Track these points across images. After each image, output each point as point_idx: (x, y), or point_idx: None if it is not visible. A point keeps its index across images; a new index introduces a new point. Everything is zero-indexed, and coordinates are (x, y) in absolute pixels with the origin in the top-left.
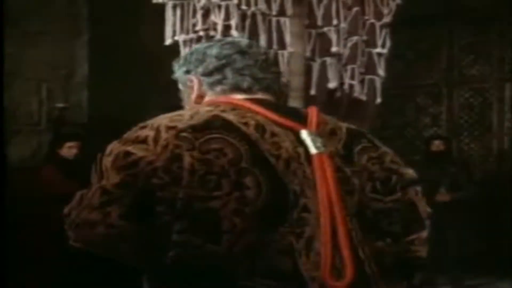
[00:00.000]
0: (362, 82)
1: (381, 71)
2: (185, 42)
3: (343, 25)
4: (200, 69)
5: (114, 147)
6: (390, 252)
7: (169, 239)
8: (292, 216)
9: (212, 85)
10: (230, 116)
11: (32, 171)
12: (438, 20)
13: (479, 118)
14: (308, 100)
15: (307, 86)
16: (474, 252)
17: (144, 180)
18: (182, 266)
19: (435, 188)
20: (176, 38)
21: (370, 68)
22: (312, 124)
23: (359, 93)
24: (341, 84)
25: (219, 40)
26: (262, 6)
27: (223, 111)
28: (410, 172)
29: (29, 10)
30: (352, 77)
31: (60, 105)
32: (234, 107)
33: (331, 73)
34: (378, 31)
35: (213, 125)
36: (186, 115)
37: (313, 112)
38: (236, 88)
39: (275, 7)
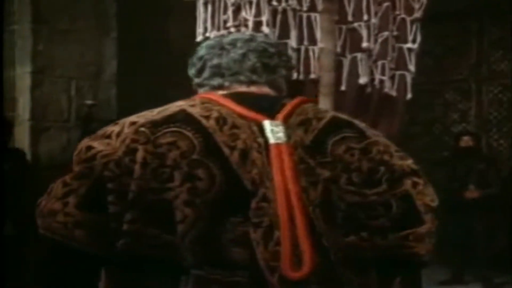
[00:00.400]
0: (392, 77)
1: (411, 67)
2: None
3: (373, 20)
4: (193, 72)
5: (82, 142)
6: (368, 246)
7: (120, 228)
8: (250, 205)
9: (199, 86)
10: (195, 110)
11: (61, 168)
12: (467, 15)
13: (508, 114)
14: (339, 96)
15: (337, 82)
16: (502, 249)
17: (97, 172)
18: (131, 255)
19: (464, 184)
20: (207, 34)
21: (400, 63)
22: (280, 115)
23: (390, 88)
24: (372, 79)
25: (212, 39)
26: (293, 2)
27: (191, 105)
28: (406, 163)
29: (59, 8)
30: (383, 73)
31: (89, 102)
32: (204, 101)
33: (362, 69)
34: (408, 26)
35: (174, 119)
36: (155, 111)
37: (291, 103)
38: (213, 87)
39: (305, 3)
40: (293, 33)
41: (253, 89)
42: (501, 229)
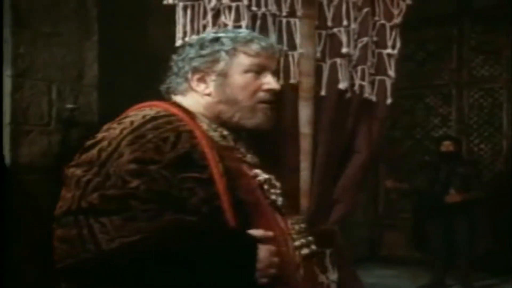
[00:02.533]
0: (372, 83)
1: (391, 72)
2: None
3: (353, 26)
4: None
5: None
6: None
7: None
8: None
9: None
10: None
11: (42, 172)
12: (447, 21)
13: (489, 118)
14: (319, 101)
15: (317, 87)
16: (484, 252)
17: None
18: None
19: (445, 188)
20: (186, 39)
21: (380, 69)
22: None
23: (369, 93)
24: (352, 85)
25: None
26: (272, 7)
27: None
28: None
29: (40, 12)
30: (363, 78)
31: (70, 106)
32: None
33: (342, 74)
34: (388, 32)
35: None
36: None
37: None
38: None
39: (285, 8)
40: (273, 38)
41: (173, 97)
42: (483, 233)
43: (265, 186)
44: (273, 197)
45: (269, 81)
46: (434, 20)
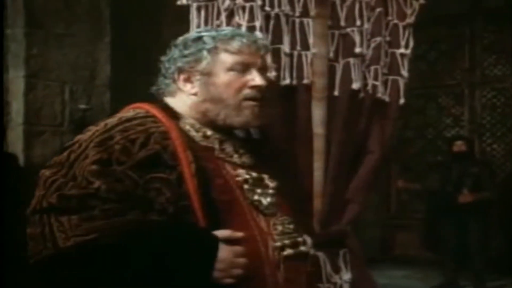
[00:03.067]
0: (385, 82)
1: (404, 72)
2: None
3: (366, 26)
4: None
5: None
6: None
7: None
8: None
9: None
10: None
11: None
12: (460, 20)
13: (501, 118)
14: (332, 101)
15: (330, 87)
16: (496, 253)
17: None
18: None
19: (458, 188)
20: None
21: (393, 68)
22: None
23: (382, 93)
24: (365, 85)
25: None
26: (286, 7)
27: None
28: None
29: (53, 13)
30: (376, 78)
31: (83, 106)
32: None
33: (355, 74)
34: (401, 31)
35: None
36: None
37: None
38: None
39: (298, 8)
40: (286, 38)
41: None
42: (495, 233)
43: (246, 186)
44: (256, 197)
45: (254, 78)
46: (446, 20)
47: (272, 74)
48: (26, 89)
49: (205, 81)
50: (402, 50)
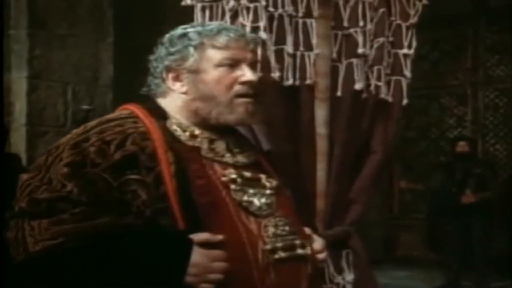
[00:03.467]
0: (388, 83)
1: (407, 72)
2: None
3: (369, 26)
4: None
5: None
6: None
7: None
8: None
9: None
10: None
11: None
12: (463, 20)
13: (504, 119)
14: (334, 102)
15: (333, 87)
16: (500, 253)
17: None
18: None
19: (461, 189)
20: None
21: (396, 69)
22: None
23: (385, 94)
24: (368, 85)
25: None
26: (289, 8)
27: None
28: None
29: (55, 13)
30: (379, 78)
31: (86, 107)
32: None
33: (357, 75)
34: (404, 32)
35: None
36: None
37: None
38: None
39: (301, 9)
40: (289, 39)
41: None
42: (499, 233)
43: (233, 186)
44: (246, 197)
45: (244, 73)
46: (449, 20)
47: (275, 74)
48: (29, 89)
49: (193, 79)
50: (405, 51)
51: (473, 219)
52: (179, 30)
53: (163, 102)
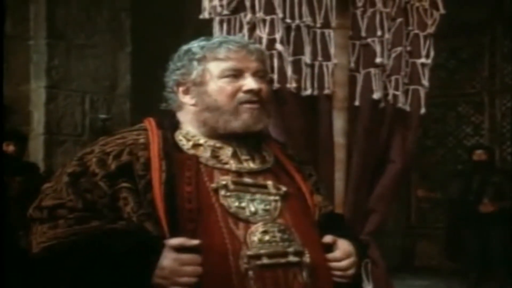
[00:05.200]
0: (406, 92)
1: (425, 82)
2: None
3: (387, 36)
4: None
5: None
6: None
7: None
8: None
9: None
10: None
11: None
12: (479, 29)
13: None
14: (353, 111)
15: (351, 97)
16: None
17: None
18: None
19: (479, 198)
20: None
21: (414, 78)
22: None
23: (403, 103)
24: (385, 94)
25: None
26: (307, 18)
27: None
28: None
29: (74, 24)
30: (396, 88)
31: (103, 116)
32: None
33: (375, 84)
34: (422, 41)
35: None
36: None
37: None
38: None
39: (319, 19)
40: (307, 49)
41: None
42: None
43: (222, 192)
44: (237, 203)
45: (247, 82)
46: (466, 28)
47: (291, 85)
48: (47, 99)
49: (199, 91)
50: (423, 60)
51: (492, 228)
52: (186, 46)
53: (179, 115)
